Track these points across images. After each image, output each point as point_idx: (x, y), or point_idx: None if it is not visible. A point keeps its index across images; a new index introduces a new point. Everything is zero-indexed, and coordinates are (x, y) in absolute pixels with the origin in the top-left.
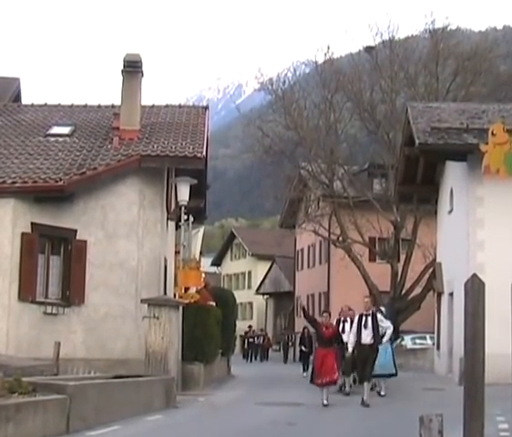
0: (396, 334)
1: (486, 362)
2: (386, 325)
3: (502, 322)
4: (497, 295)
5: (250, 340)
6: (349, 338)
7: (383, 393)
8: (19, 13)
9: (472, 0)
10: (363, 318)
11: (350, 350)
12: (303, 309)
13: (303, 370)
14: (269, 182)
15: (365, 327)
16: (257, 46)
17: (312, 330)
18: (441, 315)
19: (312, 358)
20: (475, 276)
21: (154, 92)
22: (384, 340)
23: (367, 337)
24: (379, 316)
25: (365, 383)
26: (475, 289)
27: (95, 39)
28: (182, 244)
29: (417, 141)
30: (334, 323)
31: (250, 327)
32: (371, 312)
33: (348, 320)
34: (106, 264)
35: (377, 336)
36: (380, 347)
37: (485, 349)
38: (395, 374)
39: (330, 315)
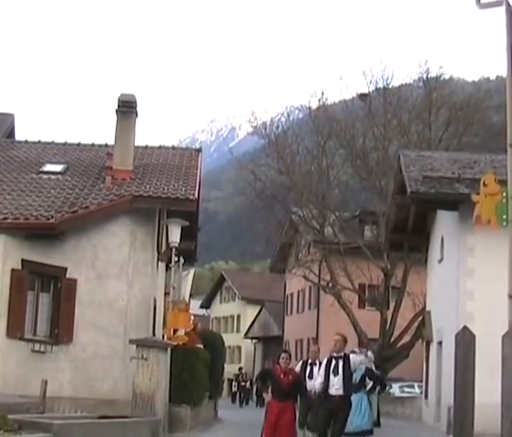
0: (380, 384)
1: (476, 412)
2: (359, 358)
3: (491, 371)
4: (486, 344)
5: (242, 383)
6: (314, 384)
7: None
8: (15, 49)
9: (466, 50)
10: (333, 361)
11: (316, 390)
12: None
13: None
14: (260, 226)
15: (335, 373)
16: (251, 90)
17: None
18: (429, 364)
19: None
20: (465, 328)
21: (147, 133)
22: (358, 374)
23: (336, 386)
24: (351, 356)
25: None
26: (465, 340)
27: (90, 78)
28: (172, 285)
29: (409, 190)
30: (299, 367)
31: (240, 369)
32: (342, 355)
33: (317, 362)
34: (95, 303)
35: (349, 385)
36: (353, 396)
37: (474, 399)
38: (371, 432)
39: (290, 357)
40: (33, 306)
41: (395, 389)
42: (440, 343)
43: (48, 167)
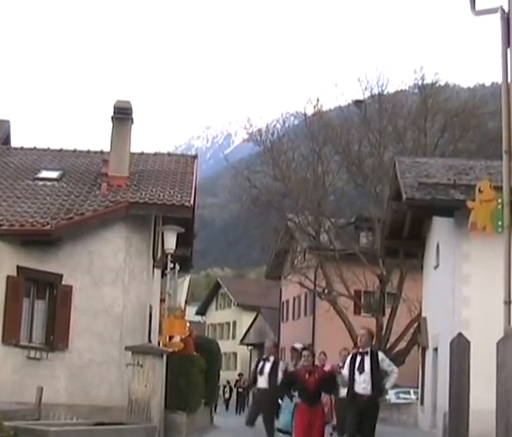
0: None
1: (471, 418)
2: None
3: (486, 378)
4: (482, 351)
5: (240, 389)
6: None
7: None
8: (10, 55)
9: (461, 56)
10: (358, 357)
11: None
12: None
13: None
14: (255, 233)
15: (360, 370)
16: (246, 97)
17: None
18: (425, 370)
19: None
20: (460, 335)
21: (143, 139)
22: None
23: (364, 385)
24: (381, 355)
25: None
26: (460, 347)
27: (86, 85)
28: (168, 292)
29: (405, 196)
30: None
31: (240, 375)
32: (369, 350)
33: (270, 359)
34: (91, 310)
35: (379, 384)
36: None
37: (469, 405)
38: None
39: (313, 354)
40: (28, 312)
41: (391, 395)
42: (436, 349)
43: (44, 174)
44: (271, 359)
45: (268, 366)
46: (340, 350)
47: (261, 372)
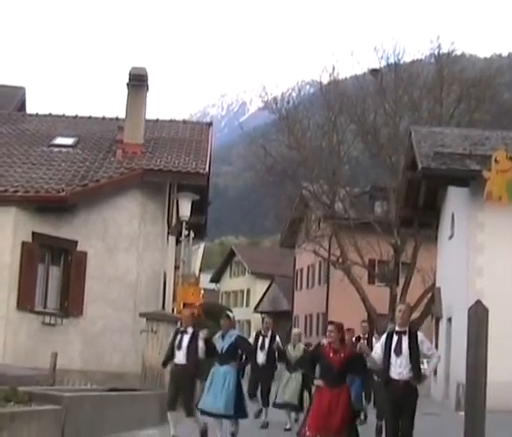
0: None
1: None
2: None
3: (501, 349)
4: (496, 321)
5: None
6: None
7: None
8: (26, 23)
9: (478, 26)
10: (395, 337)
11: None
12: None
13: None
14: (270, 201)
15: (398, 353)
16: (262, 65)
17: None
18: (439, 340)
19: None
20: (479, 302)
21: (158, 106)
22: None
23: (399, 369)
24: (420, 336)
25: None
26: (478, 315)
27: (101, 51)
28: (182, 259)
29: (420, 165)
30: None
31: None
32: (407, 330)
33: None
34: (105, 277)
35: (417, 369)
36: (219, 369)
37: (487, 375)
38: (233, 417)
39: (341, 330)
40: (43, 279)
41: None
42: (449, 320)
43: (59, 141)
44: (190, 330)
45: (186, 338)
46: (360, 321)
47: (179, 346)
